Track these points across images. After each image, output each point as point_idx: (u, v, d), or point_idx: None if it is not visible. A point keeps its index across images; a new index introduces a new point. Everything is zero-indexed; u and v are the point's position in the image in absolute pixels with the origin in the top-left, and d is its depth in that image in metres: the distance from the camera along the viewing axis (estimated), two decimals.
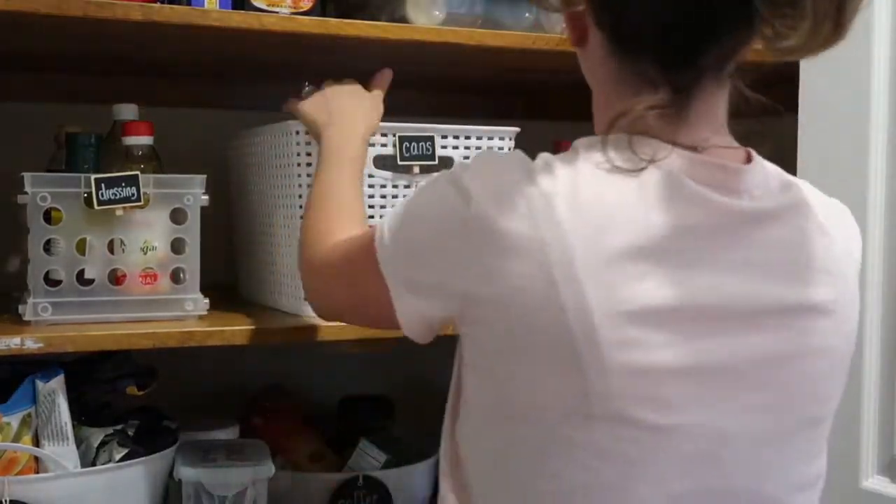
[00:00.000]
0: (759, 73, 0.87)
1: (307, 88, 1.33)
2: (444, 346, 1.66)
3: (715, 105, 0.86)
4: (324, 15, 1.39)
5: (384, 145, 1.35)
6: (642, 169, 0.80)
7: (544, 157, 0.85)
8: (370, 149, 1.34)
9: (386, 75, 1.34)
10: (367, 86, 1.32)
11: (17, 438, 1.22)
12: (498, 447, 0.83)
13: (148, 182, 1.27)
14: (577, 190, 0.79)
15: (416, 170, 1.37)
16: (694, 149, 0.83)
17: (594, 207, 0.78)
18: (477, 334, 0.83)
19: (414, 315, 0.89)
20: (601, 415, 0.77)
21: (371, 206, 1.35)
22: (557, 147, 1.56)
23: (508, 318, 0.78)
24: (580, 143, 0.86)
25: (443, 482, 0.89)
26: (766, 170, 0.88)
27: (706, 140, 0.84)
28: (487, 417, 0.84)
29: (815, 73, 1.39)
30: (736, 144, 0.89)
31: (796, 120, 1.42)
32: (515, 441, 0.81)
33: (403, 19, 1.40)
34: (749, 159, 0.87)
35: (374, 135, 1.28)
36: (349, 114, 1.24)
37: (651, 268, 0.77)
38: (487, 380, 0.83)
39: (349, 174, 1.16)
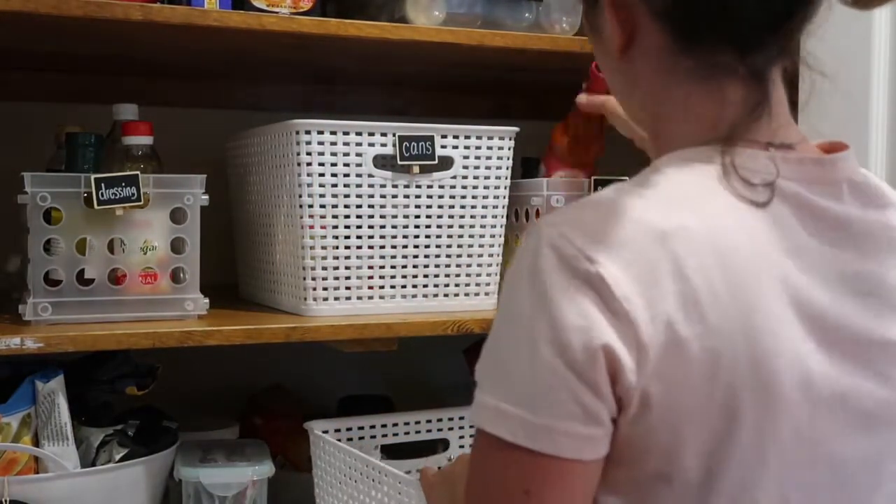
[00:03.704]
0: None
1: None
2: (445, 346, 1.67)
3: (782, 90, 0.82)
4: (324, 15, 1.39)
5: (384, 145, 1.35)
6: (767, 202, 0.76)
7: None
8: (369, 148, 1.34)
9: None
10: None
11: (17, 438, 1.22)
12: None
13: (148, 182, 1.27)
14: None
15: (416, 169, 1.37)
16: (790, 147, 0.80)
17: None
18: None
19: None
20: None
21: (371, 206, 1.36)
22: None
23: None
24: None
25: None
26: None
27: (787, 129, 0.81)
28: None
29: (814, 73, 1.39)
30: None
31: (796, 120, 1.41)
32: None
33: (403, 19, 1.40)
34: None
35: None
36: None
37: None
38: None
39: None
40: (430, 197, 1.39)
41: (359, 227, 1.35)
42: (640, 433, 0.72)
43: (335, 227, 1.34)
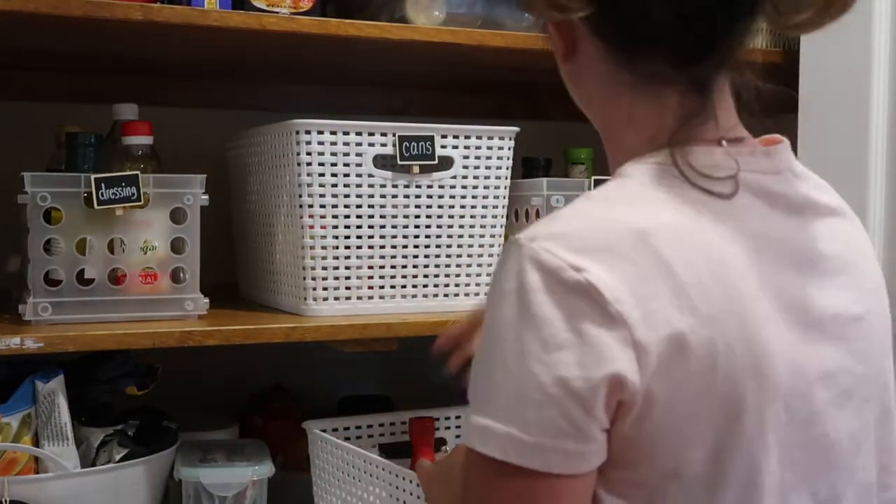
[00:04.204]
0: (759, 74, 0.86)
1: None
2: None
3: (729, 97, 0.83)
4: (324, 15, 1.39)
5: (384, 145, 1.35)
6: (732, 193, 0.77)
7: None
8: (369, 148, 1.34)
9: None
10: None
11: (17, 438, 1.22)
12: None
13: (148, 182, 1.27)
14: None
15: (416, 169, 1.37)
16: (741, 140, 0.82)
17: None
18: None
19: None
20: None
21: (371, 206, 1.36)
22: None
23: None
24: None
25: None
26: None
27: (735, 127, 0.82)
28: None
29: (814, 74, 1.39)
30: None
31: (796, 120, 1.42)
32: None
33: (403, 19, 1.40)
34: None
35: None
36: None
37: None
38: None
39: None
40: (430, 197, 1.39)
41: (359, 227, 1.35)
42: (646, 433, 0.72)
43: (335, 227, 1.34)
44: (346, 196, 1.34)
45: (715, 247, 0.75)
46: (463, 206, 1.41)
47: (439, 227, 1.40)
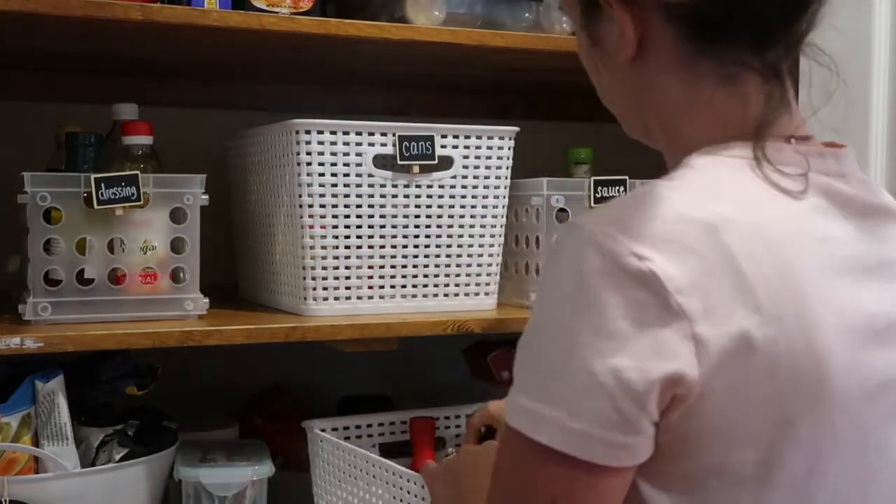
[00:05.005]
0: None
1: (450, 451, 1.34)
2: (445, 346, 1.67)
3: (791, 87, 0.82)
4: (324, 15, 1.39)
5: (384, 145, 1.35)
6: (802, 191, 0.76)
7: None
8: (369, 148, 1.34)
9: None
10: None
11: (16, 438, 1.22)
12: None
13: (147, 182, 1.27)
14: None
15: (416, 169, 1.37)
16: (809, 140, 0.81)
17: None
18: None
19: None
20: None
21: (371, 206, 1.36)
22: None
23: None
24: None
25: None
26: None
27: (804, 125, 0.82)
28: None
29: (814, 66, 1.39)
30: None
31: None
32: None
33: (403, 19, 1.41)
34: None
35: None
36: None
37: None
38: None
39: None
40: (430, 197, 1.39)
41: (359, 227, 1.35)
42: (696, 427, 0.71)
43: (335, 227, 1.34)
44: (346, 196, 1.34)
45: (782, 245, 0.73)
46: (463, 206, 1.41)
47: (439, 227, 1.40)
